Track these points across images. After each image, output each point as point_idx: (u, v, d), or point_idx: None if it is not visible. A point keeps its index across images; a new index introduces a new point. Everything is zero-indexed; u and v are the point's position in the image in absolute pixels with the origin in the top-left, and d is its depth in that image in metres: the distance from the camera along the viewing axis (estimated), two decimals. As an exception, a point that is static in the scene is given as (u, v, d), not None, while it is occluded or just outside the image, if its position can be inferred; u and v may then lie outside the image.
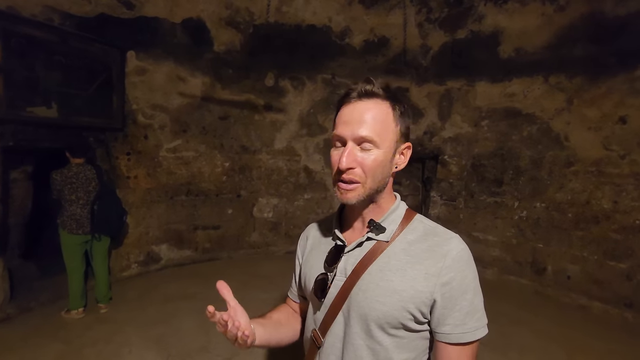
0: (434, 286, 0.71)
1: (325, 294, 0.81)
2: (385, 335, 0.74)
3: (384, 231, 0.79)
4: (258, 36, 4.49)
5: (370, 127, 0.72)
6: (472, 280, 0.74)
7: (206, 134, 4.57)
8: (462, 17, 4.22)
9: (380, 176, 0.76)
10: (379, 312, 0.73)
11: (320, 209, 5.23)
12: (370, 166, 0.73)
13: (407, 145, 0.80)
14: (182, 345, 2.83)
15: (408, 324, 0.73)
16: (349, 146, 0.73)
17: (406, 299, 0.72)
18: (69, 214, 3.06)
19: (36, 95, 3.10)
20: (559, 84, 3.86)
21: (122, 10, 3.60)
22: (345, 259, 0.81)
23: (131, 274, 4.13)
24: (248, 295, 3.71)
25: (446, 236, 0.77)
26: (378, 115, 0.74)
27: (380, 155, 0.74)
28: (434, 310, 0.73)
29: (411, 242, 0.77)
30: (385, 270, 0.75)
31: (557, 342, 3.05)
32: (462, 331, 0.72)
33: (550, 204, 3.99)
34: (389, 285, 0.73)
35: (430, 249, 0.75)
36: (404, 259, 0.75)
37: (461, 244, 0.76)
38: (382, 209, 0.81)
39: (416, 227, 0.80)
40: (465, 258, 0.74)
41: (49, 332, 2.91)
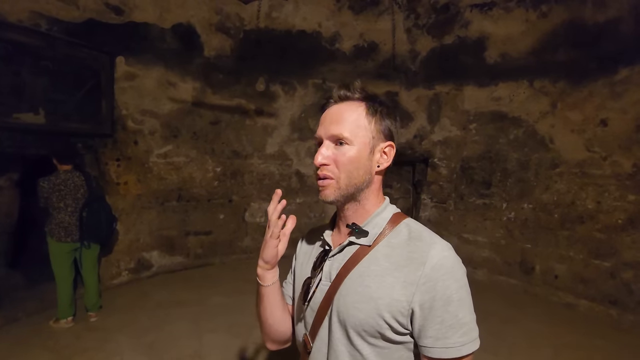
0: (412, 295, 0.68)
1: (308, 298, 0.80)
2: (365, 343, 0.73)
3: (366, 235, 0.77)
4: (248, 41, 4.51)
5: (341, 125, 0.75)
6: (456, 291, 0.68)
7: (197, 139, 4.56)
8: (449, 23, 4.31)
9: (356, 173, 0.75)
10: (356, 319, 0.72)
11: (313, 213, 5.25)
12: (342, 162, 0.74)
13: (388, 144, 0.79)
14: (175, 351, 2.80)
15: (385, 333, 0.70)
16: (324, 144, 0.77)
17: (382, 307, 0.69)
18: (57, 222, 3.02)
19: (23, 101, 3.06)
20: (543, 88, 3.97)
21: (111, 16, 3.58)
22: (330, 264, 0.80)
23: (121, 281, 4.07)
24: (241, 300, 3.72)
25: (429, 242, 0.73)
26: (350, 114, 0.76)
27: (354, 152, 0.75)
28: (414, 322, 0.69)
29: (394, 246, 0.75)
30: (365, 276, 0.73)
31: (546, 339, 3.12)
32: (443, 345, 0.67)
33: (537, 205, 4.09)
34: (366, 292, 0.72)
35: (411, 256, 0.71)
36: (384, 264, 0.73)
37: (444, 251, 0.71)
38: (367, 211, 0.80)
39: (401, 231, 0.77)
40: (448, 266, 0.69)
41: (37, 342, 2.85)
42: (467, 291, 0.71)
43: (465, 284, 0.71)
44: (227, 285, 4.13)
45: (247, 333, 3.11)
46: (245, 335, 3.08)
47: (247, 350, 2.86)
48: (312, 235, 0.96)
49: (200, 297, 3.78)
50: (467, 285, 0.71)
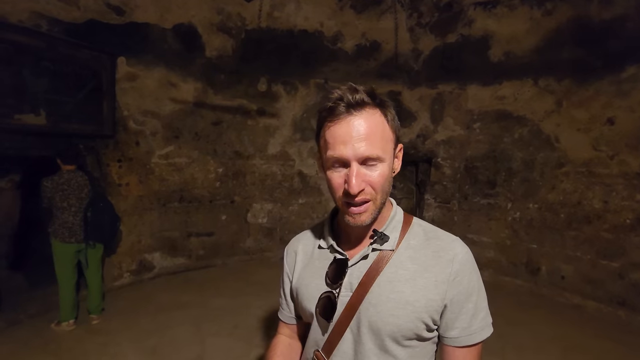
0: (445, 292, 0.71)
1: (334, 313, 0.76)
2: (400, 347, 0.72)
3: (388, 240, 0.76)
4: (250, 41, 4.48)
5: (372, 143, 0.67)
6: (477, 282, 0.74)
7: (199, 140, 4.53)
8: (452, 21, 4.27)
9: (388, 187, 0.74)
10: (394, 326, 0.70)
11: (315, 213, 5.21)
12: (378, 182, 0.70)
13: (400, 147, 0.78)
14: (177, 355, 2.77)
15: (422, 333, 0.72)
16: (354, 168, 0.68)
17: (420, 310, 0.70)
18: (61, 222, 3.00)
19: (24, 102, 3.03)
20: (548, 87, 3.93)
21: (112, 16, 3.56)
22: (350, 273, 0.76)
23: (123, 283, 4.04)
24: (243, 302, 3.69)
25: (449, 239, 0.77)
26: (375, 127, 0.69)
27: (386, 169, 0.71)
28: (443, 316, 0.73)
29: (415, 248, 0.76)
30: (395, 282, 0.72)
31: (553, 341, 3.07)
32: (468, 333, 0.72)
33: (542, 205, 4.04)
34: (401, 297, 0.71)
35: (437, 255, 0.74)
36: (412, 267, 0.73)
37: (464, 246, 0.77)
38: (383, 217, 0.79)
39: (417, 231, 0.79)
40: (471, 260, 0.75)
41: (39, 345, 2.82)
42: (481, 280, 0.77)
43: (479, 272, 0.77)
44: (230, 287, 4.10)
45: (249, 336, 3.08)
46: (247, 338, 3.05)
47: (250, 354, 2.82)
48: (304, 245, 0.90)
49: (203, 300, 3.75)
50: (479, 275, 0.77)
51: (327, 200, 5.26)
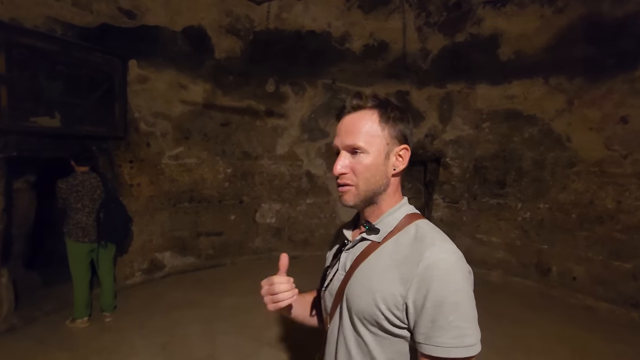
0: (407, 291, 0.72)
1: (325, 285, 0.91)
2: (367, 330, 0.79)
3: (377, 232, 0.83)
4: (258, 43, 4.52)
5: (356, 135, 0.79)
6: (451, 294, 0.69)
7: (208, 141, 4.58)
8: (461, 20, 4.24)
9: (373, 179, 0.81)
10: (358, 307, 0.79)
11: (323, 213, 5.23)
12: (360, 170, 0.80)
13: (403, 147, 0.83)
14: (188, 353, 2.82)
15: (382, 323, 0.75)
16: (341, 154, 0.82)
17: (378, 298, 0.75)
18: (75, 222, 3.07)
19: (39, 105, 3.11)
20: (559, 85, 3.88)
21: (124, 20, 3.62)
22: (346, 256, 0.88)
23: (135, 282, 4.11)
24: (253, 301, 3.71)
25: (429, 243, 0.75)
26: (364, 124, 0.80)
27: (370, 159, 0.80)
28: (409, 317, 0.73)
29: (399, 245, 0.79)
30: (370, 270, 0.80)
31: (564, 343, 3.04)
32: (433, 344, 0.69)
33: (553, 205, 3.99)
34: (367, 284, 0.78)
35: (410, 255, 0.75)
36: (387, 261, 0.78)
37: (443, 253, 0.73)
38: (382, 210, 0.85)
39: (410, 231, 0.80)
40: (443, 268, 0.71)
41: (55, 342, 2.89)
42: (466, 296, 0.71)
43: (463, 288, 0.71)
44: (239, 286, 4.14)
45: (259, 335, 3.11)
46: (257, 336, 3.08)
47: (259, 352, 2.86)
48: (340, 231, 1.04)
49: (213, 298, 3.80)
50: (465, 290, 0.71)
51: (334, 201, 5.28)
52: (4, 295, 3.04)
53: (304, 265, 4.93)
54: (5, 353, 2.72)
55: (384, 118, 0.81)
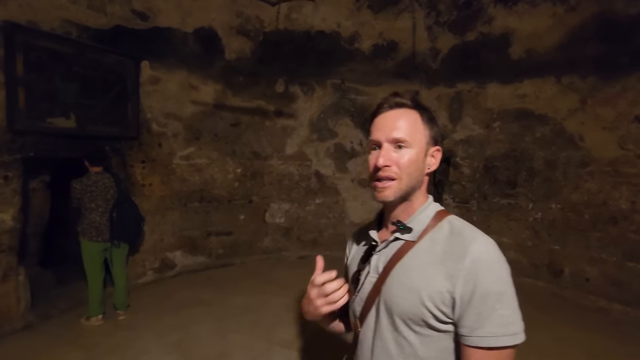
0: (453, 287, 0.72)
1: (357, 288, 0.89)
2: (410, 330, 0.78)
3: (410, 231, 0.83)
4: (268, 43, 4.54)
5: (402, 129, 0.81)
6: (495, 284, 0.71)
7: (218, 141, 4.62)
8: (471, 19, 4.22)
9: (415, 174, 0.82)
10: (401, 308, 0.78)
11: (332, 213, 5.24)
12: (405, 164, 0.80)
13: (436, 148, 0.87)
14: (201, 351, 2.84)
15: (429, 321, 0.75)
16: (384, 147, 0.82)
17: (424, 297, 0.75)
18: (89, 222, 3.12)
19: (55, 106, 3.16)
20: (572, 84, 3.84)
21: (137, 22, 3.67)
22: (377, 258, 0.88)
23: (146, 280, 4.16)
24: (262, 300, 3.75)
25: (470, 236, 0.77)
26: (408, 119, 0.82)
27: (414, 154, 0.81)
28: (455, 311, 0.73)
29: (436, 241, 0.80)
30: (409, 269, 0.80)
31: (577, 345, 3.01)
32: (481, 334, 0.70)
33: (565, 205, 3.95)
34: (410, 283, 0.78)
35: (451, 249, 0.76)
36: (426, 258, 0.78)
37: (485, 245, 0.75)
38: (412, 209, 0.86)
39: (443, 227, 0.82)
40: (488, 260, 0.73)
41: (70, 339, 2.94)
42: (508, 286, 0.73)
43: (506, 278, 0.73)
44: (248, 285, 4.16)
45: (269, 334, 3.13)
46: (267, 335, 3.10)
47: (270, 351, 2.87)
48: (360, 234, 1.04)
49: (223, 297, 3.82)
50: (508, 281, 0.73)
51: (343, 201, 5.28)
52: (21, 293, 3.10)
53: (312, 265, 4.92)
54: (23, 349, 2.77)
55: (425, 118, 0.84)
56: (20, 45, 2.86)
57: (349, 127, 5.17)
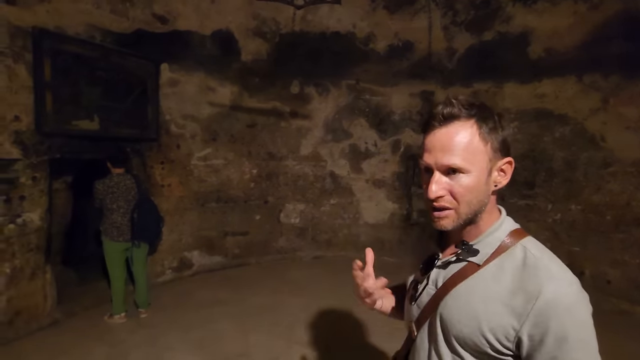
0: (521, 326, 0.66)
1: (414, 298, 0.86)
2: (466, 353, 0.74)
3: (475, 254, 0.75)
4: (284, 45, 4.58)
5: (454, 153, 0.70)
6: (574, 331, 0.64)
7: (235, 142, 4.67)
8: (489, 18, 4.18)
9: (475, 200, 0.72)
10: (458, 332, 0.73)
11: (347, 214, 5.25)
12: (460, 193, 0.71)
13: (507, 160, 0.75)
14: (223, 349, 2.89)
15: (487, 350, 0.70)
16: (435, 175, 0.73)
17: (485, 329, 0.69)
18: (111, 222, 3.18)
19: (80, 109, 3.25)
20: (594, 83, 3.77)
21: (157, 25, 3.74)
22: (437, 272, 0.82)
23: (165, 279, 4.24)
24: (279, 300, 3.78)
25: (547, 274, 0.67)
26: (462, 138, 0.71)
27: (471, 180, 0.71)
28: (522, 349, 0.67)
29: (505, 270, 0.71)
30: (472, 294, 0.73)
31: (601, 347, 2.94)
32: None
33: (586, 206, 3.89)
34: (472, 312, 0.72)
35: (523, 285, 0.67)
36: (493, 287, 0.71)
37: (564, 287, 0.65)
38: (480, 230, 0.77)
39: (516, 254, 0.72)
40: (566, 304, 0.64)
41: (96, 336, 3.02)
42: (590, 333, 0.66)
43: (587, 323, 0.66)
44: (265, 285, 4.20)
45: (289, 333, 3.16)
46: (287, 335, 3.13)
47: (291, 350, 2.90)
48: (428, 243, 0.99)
49: (241, 297, 3.87)
50: (589, 325, 0.66)
51: (358, 201, 5.29)
52: (48, 290, 3.19)
53: (327, 265, 4.98)
54: (51, 345, 2.86)
55: (486, 129, 0.71)
56: (47, 50, 2.95)
57: (364, 127, 5.18)
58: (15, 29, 2.79)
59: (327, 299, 3.85)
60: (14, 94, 2.80)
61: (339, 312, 3.57)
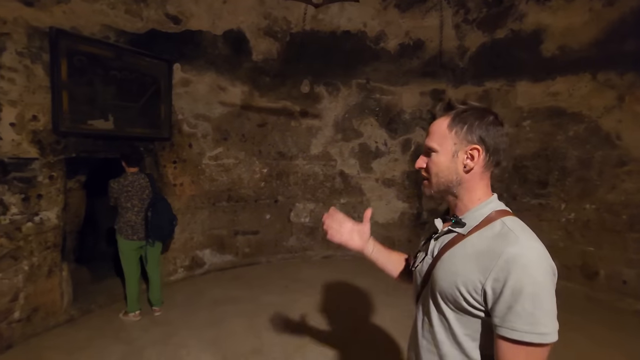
0: (485, 279, 0.80)
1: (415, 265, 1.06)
2: (448, 308, 0.90)
3: (462, 226, 0.92)
4: (294, 44, 4.58)
5: (432, 136, 0.94)
6: (529, 286, 0.75)
7: (245, 141, 4.69)
8: (502, 16, 4.15)
9: (442, 174, 0.93)
10: (440, 287, 0.90)
11: (357, 213, 5.24)
12: (430, 167, 0.95)
13: (472, 147, 0.89)
14: (236, 347, 2.90)
15: (460, 302, 0.85)
16: (423, 152, 0.98)
17: (459, 282, 0.85)
18: (125, 221, 3.21)
19: (95, 108, 3.28)
20: (609, 81, 3.73)
21: (170, 25, 3.76)
22: (434, 244, 1.00)
23: (177, 278, 4.27)
24: (291, 298, 3.79)
25: (512, 239, 0.80)
26: (437, 127, 0.94)
27: (439, 159, 0.92)
28: (487, 301, 0.81)
29: (483, 238, 0.86)
30: (454, 257, 0.90)
31: (618, 348, 2.93)
32: (509, 327, 0.76)
33: (601, 206, 3.84)
34: (452, 269, 0.89)
35: (491, 248, 0.82)
36: (469, 251, 0.87)
37: (525, 250, 0.78)
38: (465, 206, 0.94)
39: (495, 226, 0.86)
40: (522, 263, 0.76)
41: (111, 333, 3.05)
42: (543, 290, 0.76)
43: (542, 282, 0.76)
44: (276, 284, 4.22)
45: (302, 332, 3.16)
46: (300, 333, 3.13)
47: (305, 349, 2.90)
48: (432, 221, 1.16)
49: (252, 295, 3.89)
50: (543, 285, 0.76)
51: (368, 201, 5.28)
52: (65, 288, 3.22)
53: (337, 265, 4.98)
54: (68, 341, 2.89)
55: (454, 122, 0.91)
56: (64, 50, 2.98)
57: (374, 127, 5.17)
58: (33, 29, 2.82)
59: (339, 298, 3.85)
60: (31, 93, 2.84)
61: (353, 312, 3.58)
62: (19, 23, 2.73)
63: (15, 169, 2.77)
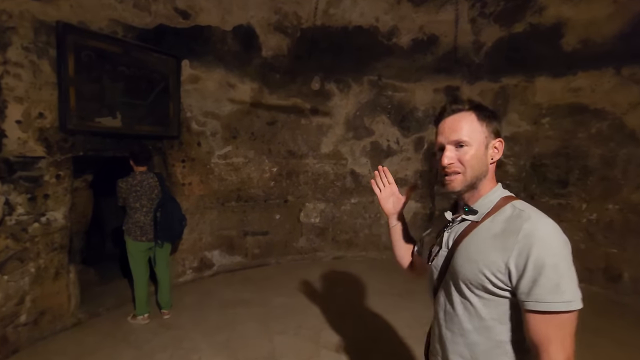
0: (508, 258, 0.83)
1: (431, 259, 1.07)
2: (473, 294, 0.92)
3: (475, 213, 0.97)
4: (305, 40, 4.46)
5: (460, 131, 0.95)
6: (550, 257, 0.79)
7: (255, 140, 4.58)
8: (520, 9, 4.00)
9: (477, 166, 0.94)
10: (463, 275, 0.93)
11: (368, 213, 5.12)
12: (466, 159, 0.94)
13: (498, 140, 0.98)
14: (249, 351, 2.80)
15: (487, 286, 0.88)
16: (447, 148, 0.96)
17: (483, 266, 0.88)
18: (134, 222, 3.12)
19: (103, 106, 3.19)
20: (634, 76, 3.58)
21: (179, 20, 3.67)
22: (448, 235, 1.03)
23: (186, 279, 4.17)
24: (302, 301, 3.68)
25: (526, 217, 0.86)
26: (465, 122, 0.95)
27: (473, 151, 0.94)
28: (511, 279, 0.84)
29: (496, 222, 0.91)
30: (471, 244, 0.93)
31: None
32: (535, 299, 0.80)
33: (625, 206, 3.70)
34: (472, 256, 0.92)
35: (509, 227, 0.87)
36: (486, 235, 0.91)
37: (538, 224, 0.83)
38: (479, 194, 0.98)
39: (506, 210, 0.92)
40: (540, 236, 0.81)
41: (120, 337, 2.96)
42: (564, 259, 0.80)
43: (561, 252, 0.81)
44: (286, 286, 4.11)
45: (315, 336, 3.05)
46: (314, 337, 3.02)
47: (319, 354, 2.79)
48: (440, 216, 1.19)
49: (263, 297, 3.78)
50: (562, 254, 0.80)
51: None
52: (72, 290, 3.14)
53: (348, 266, 4.86)
54: (76, 346, 2.80)
55: (481, 117, 0.96)
56: (71, 46, 2.88)
57: (386, 124, 5.04)
58: (40, 23, 2.73)
59: (351, 301, 3.74)
60: (38, 90, 2.75)
61: (366, 315, 3.46)
62: (25, 17, 2.64)
63: (21, 168, 2.68)
